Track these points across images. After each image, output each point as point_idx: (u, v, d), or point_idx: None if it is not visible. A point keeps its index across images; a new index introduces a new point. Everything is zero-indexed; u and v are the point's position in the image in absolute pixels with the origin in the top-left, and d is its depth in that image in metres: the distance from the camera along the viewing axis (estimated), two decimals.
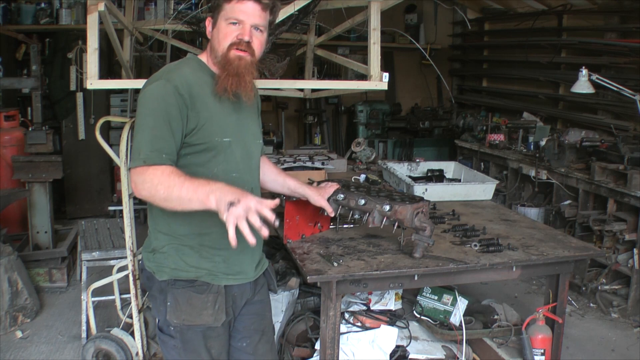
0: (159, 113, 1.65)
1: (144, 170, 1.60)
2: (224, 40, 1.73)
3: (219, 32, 1.74)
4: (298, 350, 2.72)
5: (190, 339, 1.78)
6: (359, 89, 3.40)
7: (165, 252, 1.77)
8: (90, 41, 2.52)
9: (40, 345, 3.30)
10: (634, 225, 3.69)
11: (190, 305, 1.74)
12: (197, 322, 1.75)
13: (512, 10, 6.08)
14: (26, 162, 4.10)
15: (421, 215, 2.13)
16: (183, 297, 1.74)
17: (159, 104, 1.66)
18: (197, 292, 1.75)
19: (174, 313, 1.75)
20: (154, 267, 1.79)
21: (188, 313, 1.74)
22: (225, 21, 1.73)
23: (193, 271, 1.75)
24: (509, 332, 2.76)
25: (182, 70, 1.74)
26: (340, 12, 3.33)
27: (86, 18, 2.53)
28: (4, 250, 3.50)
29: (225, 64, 1.72)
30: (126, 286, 2.96)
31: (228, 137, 1.76)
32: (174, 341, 1.79)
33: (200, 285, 1.75)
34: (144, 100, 1.70)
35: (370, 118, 6.63)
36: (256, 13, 1.73)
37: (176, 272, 1.75)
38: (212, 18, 1.78)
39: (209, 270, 1.77)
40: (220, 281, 1.78)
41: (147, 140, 1.63)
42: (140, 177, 1.60)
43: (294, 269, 2.97)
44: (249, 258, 1.86)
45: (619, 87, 3.83)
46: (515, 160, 4.79)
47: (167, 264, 1.76)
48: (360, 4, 3.13)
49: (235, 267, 1.81)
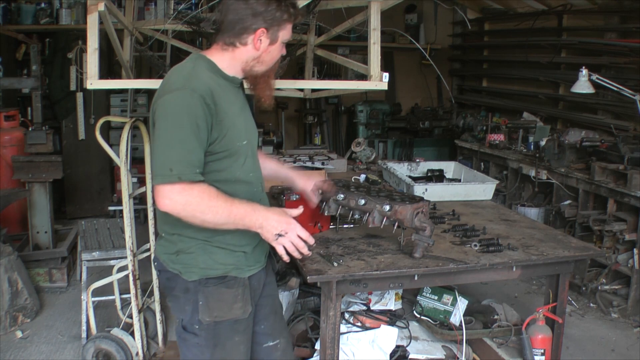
0: (187, 126, 1.61)
1: (187, 190, 1.61)
2: (274, 58, 1.82)
3: (275, 50, 1.81)
4: (298, 350, 2.72)
5: (219, 333, 1.81)
6: (359, 89, 3.41)
7: (193, 252, 1.78)
8: (90, 41, 2.52)
9: (40, 345, 3.30)
10: (634, 225, 3.69)
11: (221, 301, 1.78)
12: (227, 317, 1.79)
13: (512, 10, 6.08)
14: (26, 162, 4.10)
15: (421, 215, 2.13)
16: (215, 295, 1.78)
17: (187, 115, 1.61)
18: (228, 287, 1.79)
19: (206, 311, 1.77)
20: (181, 267, 1.79)
21: (219, 309, 1.78)
22: (284, 41, 1.82)
23: (222, 268, 1.79)
24: (509, 332, 2.76)
25: (202, 77, 1.70)
26: (340, 12, 3.33)
27: (86, 18, 2.53)
28: (4, 250, 3.50)
29: (267, 78, 1.83)
30: (126, 286, 2.96)
31: (244, 139, 1.80)
32: (197, 339, 1.81)
33: (229, 280, 1.79)
34: (169, 110, 1.63)
35: (370, 118, 6.63)
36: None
37: (205, 271, 1.78)
38: (268, 31, 1.76)
39: (235, 264, 1.81)
40: (244, 273, 1.84)
41: (179, 155, 1.61)
42: (182, 197, 1.61)
43: (294, 269, 2.97)
44: (263, 249, 1.94)
45: (619, 87, 3.83)
46: (515, 160, 4.79)
47: (196, 263, 1.78)
48: (360, 4, 3.13)
49: (254, 257, 1.88)
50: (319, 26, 4.02)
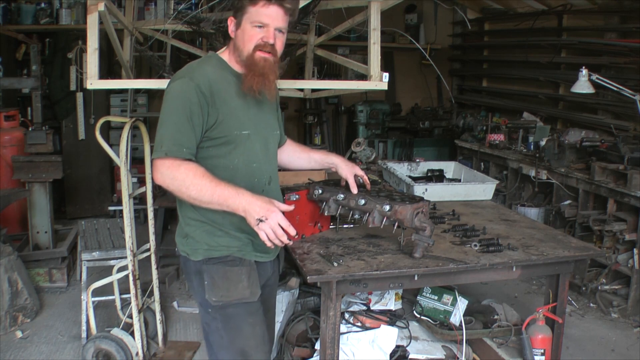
0: (181, 110, 1.76)
1: (175, 166, 1.74)
2: (249, 42, 1.83)
3: (243, 34, 1.84)
4: (298, 350, 2.72)
5: (232, 315, 1.87)
6: (359, 89, 3.41)
7: (197, 235, 1.88)
8: (90, 41, 2.52)
9: (40, 345, 3.30)
10: (634, 225, 3.69)
11: (226, 280, 1.86)
12: (234, 297, 1.85)
13: (512, 10, 6.08)
14: (26, 162, 4.10)
15: (421, 215, 2.13)
16: (219, 273, 1.86)
17: (182, 101, 1.77)
18: (231, 265, 1.86)
19: (212, 290, 1.85)
20: (189, 249, 1.90)
21: (225, 288, 1.85)
22: (251, 24, 1.82)
23: (225, 249, 1.87)
24: (509, 332, 2.76)
25: (204, 69, 1.85)
26: (340, 12, 3.33)
27: (86, 18, 2.53)
28: (4, 250, 3.50)
29: (250, 64, 1.83)
30: (126, 286, 2.96)
31: (247, 129, 1.88)
32: (215, 323, 1.89)
33: (232, 260, 1.87)
34: (168, 97, 1.80)
35: (370, 118, 6.63)
36: (279, 17, 1.83)
37: (209, 252, 1.87)
38: (235, 19, 1.86)
39: (239, 247, 1.89)
40: (250, 256, 1.91)
41: (170, 135, 1.76)
42: (170, 172, 1.74)
43: (294, 269, 2.97)
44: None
45: (619, 87, 3.83)
46: (515, 160, 4.79)
47: (200, 245, 1.88)
48: (360, 4, 3.13)
49: (259, 246, 1.90)
50: (319, 26, 4.02)
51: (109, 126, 5.64)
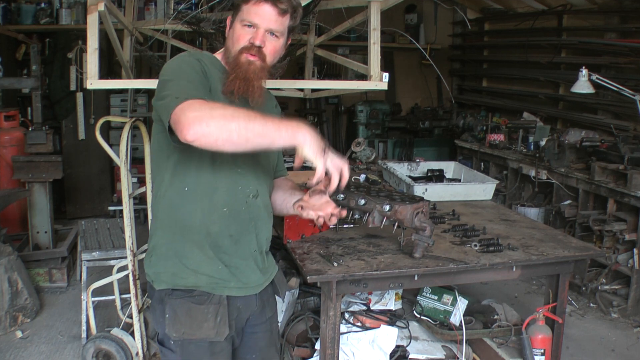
0: (185, 69, 1.59)
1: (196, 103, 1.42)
2: (237, 42, 1.68)
3: (233, 33, 1.69)
4: (298, 350, 2.72)
5: (193, 352, 1.67)
6: (359, 89, 3.41)
7: (164, 252, 1.67)
8: (90, 41, 2.52)
9: (40, 345, 3.30)
10: (634, 225, 3.69)
11: (189, 317, 1.64)
12: (197, 336, 1.65)
13: (512, 10, 6.08)
14: (26, 162, 4.10)
15: (421, 215, 2.13)
16: (182, 309, 1.65)
17: (187, 65, 1.61)
18: (197, 302, 1.64)
19: (173, 326, 1.65)
20: (152, 274, 1.70)
21: (188, 326, 1.64)
22: (240, 23, 1.67)
23: (192, 278, 1.64)
24: (509, 332, 2.76)
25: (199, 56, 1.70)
26: (340, 12, 3.33)
27: (86, 18, 2.53)
28: (4, 250, 3.50)
29: (234, 66, 1.67)
30: (126, 286, 2.96)
31: None
32: (174, 356, 1.69)
33: (199, 296, 1.64)
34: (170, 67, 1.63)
35: (370, 118, 6.63)
36: (272, 17, 1.66)
37: (174, 280, 1.65)
38: (231, 17, 1.73)
39: (209, 276, 1.65)
40: (221, 291, 1.67)
41: (184, 85, 1.52)
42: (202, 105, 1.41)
43: (294, 269, 2.96)
44: (252, 264, 1.73)
45: (619, 87, 3.83)
46: (515, 160, 4.79)
47: (165, 269, 1.67)
48: (360, 4, 3.13)
49: (237, 275, 1.69)
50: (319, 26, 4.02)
51: (109, 126, 5.64)
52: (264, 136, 1.43)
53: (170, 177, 1.66)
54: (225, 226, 1.66)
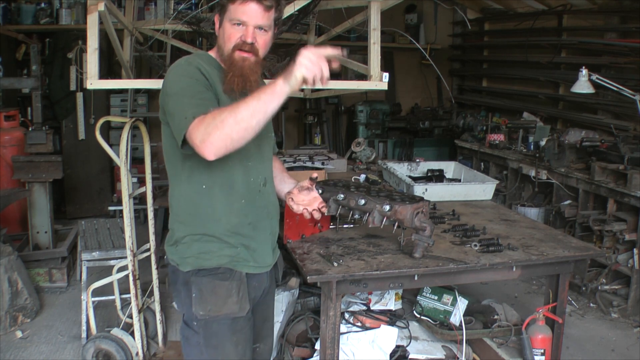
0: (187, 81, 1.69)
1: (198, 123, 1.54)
2: (228, 41, 1.77)
3: (224, 33, 1.78)
4: (298, 350, 2.72)
5: (216, 332, 1.79)
6: (359, 89, 3.40)
7: (187, 242, 1.81)
8: (90, 41, 2.52)
9: (40, 345, 3.30)
10: (634, 225, 3.69)
11: (214, 294, 1.77)
12: (222, 312, 1.77)
13: (512, 10, 6.08)
14: (26, 162, 4.10)
15: (421, 215, 2.13)
16: (207, 287, 1.78)
17: (189, 77, 1.70)
18: (221, 279, 1.78)
19: (199, 304, 1.77)
20: (177, 259, 1.83)
21: (213, 303, 1.77)
22: (230, 22, 1.76)
23: (215, 259, 1.78)
24: (509, 332, 2.76)
25: (197, 61, 1.79)
26: (340, 12, 3.33)
27: (86, 18, 2.53)
28: (4, 250, 3.50)
29: (230, 64, 1.76)
30: (126, 286, 2.96)
31: None
32: (197, 337, 1.81)
33: (222, 273, 1.78)
34: (172, 78, 1.73)
35: (370, 118, 6.63)
36: (259, 14, 1.75)
37: (199, 262, 1.79)
38: (219, 17, 1.81)
39: (231, 256, 1.80)
40: (242, 268, 1.82)
41: (188, 101, 1.63)
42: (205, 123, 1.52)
43: (294, 269, 2.97)
44: (268, 247, 1.91)
45: (619, 87, 3.83)
46: (515, 160, 4.79)
47: (190, 253, 1.80)
48: (360, 4, 3.13)
49: (255, 256, 1.85)
50: (319, 26, 4.02)
51: (109, 126, 5.64)
52: (255, 114, 1.51)
53: (187, 176, 1.79)
54: (243, 216, 1.81)
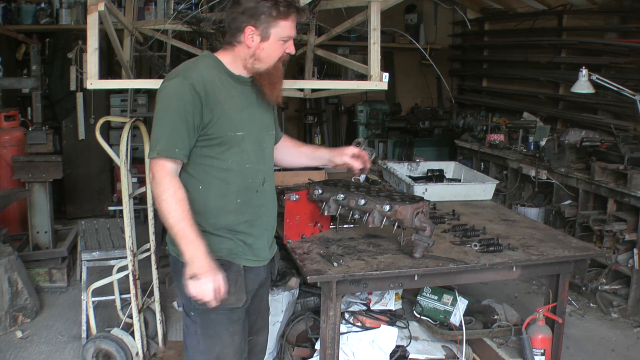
0: (176, 109, 1.75)
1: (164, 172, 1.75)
2: (275, 55, 1.84)
3: (269, 48, 1.83)
4: (298, 350, 2.72)
5: (213, 321, 1.85)
6: (359, 89, 3.41)
7: None
8: (90, 41, 2.52)
9: (40, 345, 3.30)
10: (634, 225, 3.69)
11: None
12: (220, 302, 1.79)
13: (512, 10, 6.08)
14: (26, 162, 4.10)
15: (421, 215, 2.13)
16: None
17: (176, 100, 1.76)
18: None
19: None
20: (178, 250, 1.85)
21: None
22: (280, 39, 1.82)
23: (214, 251, 1.81)
24: (509, 332, 2.76)
25: (200, 69, 1.82)
26: (340, 12, 3.33)
27: (86, 18, 2.53)
28: (4, 250, 3.50)
29: (270, 76, 1.85)
30: (126, 286, 2.96)
31: (241, 131, 1.85)
32: (194, 327, 1.88)
33: (221, 264, 1.81)
34: (163, 96, 1.79)
35: (370, 118, 6.63)
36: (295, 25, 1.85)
37: None
38: (257, 28, 1.80)
39: (229, 249, 1.87)
40: (240, 261, 1.88)
41: (164, 134, 1.76)
42: (158, 174, 1.75)
43: (294, 269, 2.96)
44: (265, 242, 1.97)
45: (619, 87, 3.83)
46: (515, 160, 4.79)
47: None
48: (360, 4, 3.13)
49: (253, 250, 1.91)
50: (319, 26, 4.02)
51: (109, 126, 5.64)
52: (168, 229, 1.76)
53: (185, 178, 1.84)
54: (240, 214, 1.87)
